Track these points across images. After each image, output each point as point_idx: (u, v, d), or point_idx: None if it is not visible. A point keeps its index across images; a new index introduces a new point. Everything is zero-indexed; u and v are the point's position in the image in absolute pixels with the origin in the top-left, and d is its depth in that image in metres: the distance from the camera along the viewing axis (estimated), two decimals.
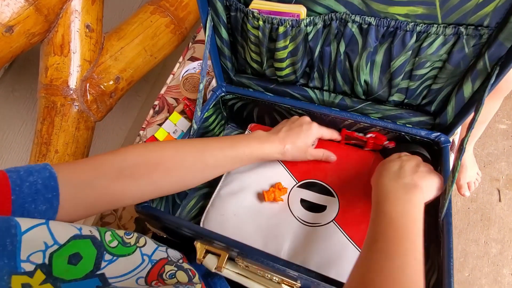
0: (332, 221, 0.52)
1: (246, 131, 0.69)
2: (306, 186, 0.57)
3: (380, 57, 0.52)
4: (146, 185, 0.45)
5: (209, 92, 0.69)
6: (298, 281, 0.41)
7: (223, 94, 0.66)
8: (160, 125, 0.81)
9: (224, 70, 0.65)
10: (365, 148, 0.61)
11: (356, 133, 0.59)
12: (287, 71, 0.59)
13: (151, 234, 0.63)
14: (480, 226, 1.30)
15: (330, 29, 0.51)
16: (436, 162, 0.54)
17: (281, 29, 0.52)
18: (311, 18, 0.50)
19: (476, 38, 0.45)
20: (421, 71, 0.51)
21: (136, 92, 1.45)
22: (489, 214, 1.31)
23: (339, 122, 0.59)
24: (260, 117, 0.69)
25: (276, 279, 0.42)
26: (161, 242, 0.48)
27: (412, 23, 0.46)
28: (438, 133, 0.54)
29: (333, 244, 0.49)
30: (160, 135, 0.77)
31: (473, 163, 1.25)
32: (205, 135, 0.67)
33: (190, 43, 0.98)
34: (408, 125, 0.57)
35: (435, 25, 0.45)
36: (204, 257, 0.45)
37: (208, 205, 0.58)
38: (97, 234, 0.37)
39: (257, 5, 0.52)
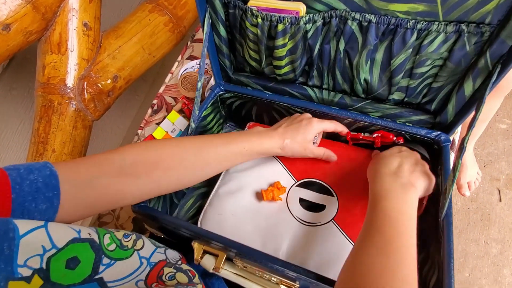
0: (331, 220, 0.51)
1: (245, 129, 0.68)
2: (305, 185, 0.57)
3: (380, 55, 0.51)
4: (146, 183, 0.44)
5: (208, 91, 0.68)
6: (297, 282, 0.40)
7: (221, 92, 0.65)
8: (159, 124, 0.81)
9: (223, 68, 0.65)
10: (375, 147, 0.59)
11: (362, 134, 0.58)
12: (286, 69, 0.58)
13: (149, 234, 0.62)
14: (480, 226, 1.29)
15: (329, 27, 0.51)
16: (436, 162, 0.53)
17: (280, 27, 0.51)
18: (311, 15, 0.49)
19: (477, 36, 0.44)
20: (422, 69, 0.50)
21: (135, 92, 1.45)
22: (489, 214, 1.31)
23: (338, 121, 0.59)
24: (259, 115, 0.69)
25: (275, 279, 0.41)
26: (159, 242, 0.48)
27: (412, 21, 0.45)
28: (439, 132, 0.54)
29: (332, 244, 0.49)
30: (158, 134, 0.77)
31: (473, 163, 1.25)
32: (203, 134, 0.67)
33: (189, 42, 0.97)
34: (408, 124, 0.56)
35: (436, 23, 0.45)
36: (201, 257, 0.45)
37: (206, 204, 0.57)
38: (95, 237, 0.37)
39: (255, 2, 0.51)
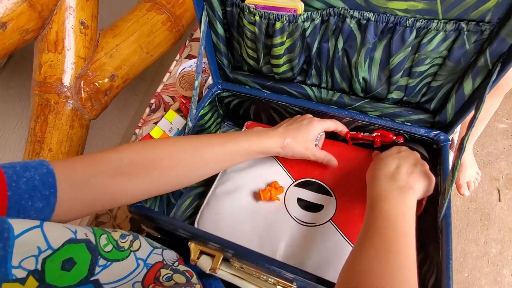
0: (329, 220, 0.51)
1: (243, 129, 0.67)
2: (303, 185, 0.56)
3: (379, 54, 0.51)
4: (143, 183, 0.44)
5: (205, 90, 0.68)
6: (294, 283, 0.40)
7: (219, 91, 0.65)
8: (157, 123, 0.80)
9: (220, 67, 0.64)
10: (375, 147, 0.58)
11: (362, 134, 0.58)
12: (284, 68, 0.58)
13: (145, 233, 0.62)
14: (480, 226, 1.29)
15: (328, 25, 0.50)
16: (435, 161, 0.53)
17: (278, 25, 0.51)
18: (309, 13, 0.49)
19: (477, 34, 0.44)
20: (421, 68, 0.50)
21: (133, 91, 1.44)
22: (488, 214, 1.30)
23: (337, 120, 0.58)
24: (257, 115, 0.68)
25: (272, 280, 0.41)
26: (156, 241, 0.47)
27: (412, 19, 0.45)
28: (438, 132, 0.53)
29: (330, 244, 0.48)
30: (156, 134, 0.76)
31: (472, 162, 1.24)
32: (201, 134, 0.66)
33: (187, 41, 0.97)
34: (407, 123, 0.56)
35: (436, 21, 0.44)
36: (198, 258, 0.44)
37: (203, 204, 0.57)
38: (92, 238, 0.36)
39: (253, 0, 0.50)
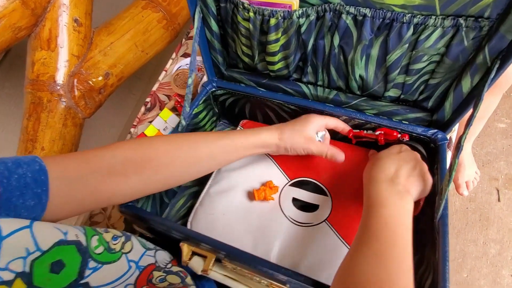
0: (324, 221, 0.50)
1: (238, 127, 0.66)
2: (298, 185, 0.55)
3: (375, 51, 0.50)
4: (137, 182, 0.43)
5: (201, 88, 0.67)
6: (287, 285, 0.39)
7: (213, 89, 0.64)
8: (151, 122, 0.79)
9: (215, 64, 0.63)
10: (379, 145, 0.56)
11: (364, 132, 0.56)
12: (279, 65, 0.57)
13: (139, 233, 0.61)
14: (479, 226, 1.28)
15: (323, 21, 0.49)
16: (432, 160, 0.52)
17: (273, 21, 0.50)
18: (304, 9, 0.48)
19: (476, 30, 0.43)
20: (418, 65, 0.49)
21: (130, 90, 1.43)
22: (488, 214, 1.29)
23: None
24: (252, 113, 0.67)
25: (265, 282, 0.40)
26: (150, 241, 0.46)
27: (409, 15, 0.44)
28: (435, 130, 0.52)
29: (325, 245, 0.47)
30: (150, 132, 0.75)
31: (471, 162, 1.23)
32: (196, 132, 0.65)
33: (183, 39, 0.96)
34: (404, 122, 0.55)
35: (433, 17, 0.43)
36: (190, 259, 0.43)
37: (196, 204, 0.56)
38: (83, 239, 0.35)
39: None
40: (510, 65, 0.46)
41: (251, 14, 0.50)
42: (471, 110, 0.45)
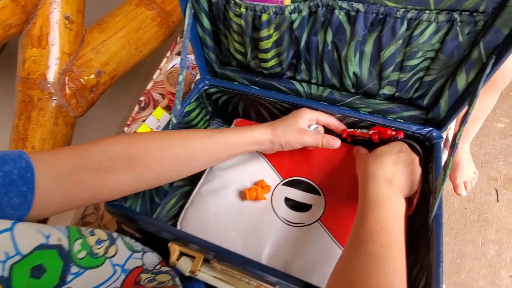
0: (317, 221, 0.49)
1: (232, 126, 0.65)
2: (291, 184, 0.54)
3: (369, 47, 0.49)
4: (127, 178, 0.42)
5: (193, 86, 0.66)
6: (277, 286, 0.38)
7: (206, 87, 0.63)
8: (145, 121, 0.78)
9: (208, 62, 0.62)
10: (375, 143, 0.55)
11: (358, 131, 0.55)
12: (272, 63, 0.56)
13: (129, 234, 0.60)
14: (478, 227, 1.27)
15: (316, 17, 0.48)
16: (427, 159, 0.51)
17: (264, 17, 0.49)
18: (296, 4, 0.47)
19: (471, 25, 0.42)
20: (413, 62, 0.48)
21: (126, 89, 1.42)
22: (486, 214, 1.28)
23: None
24: (246, 111, 0.66)
25: (254, 283, 0.39)
26: (140, 241, 0.45)
27: (402, 10, 0.43)
28: (430, 128, 0.51)
29: (318, 245, 0.46)
30: (143, 131, 0.74)
31: (469, 162, 1.22)
32: None
33: (179, 38, 0.95)
34: (399, 120, 0.54)
35: (427, 12, 0.42)
36: (178, 259, 0.42)
37: (187, 203, 0.55)
38: (65, 243, 0.34)
39: None
40: (507, 62, 0.45)
41: (243, 9, 0.49)
42: (466, 108, 0.44)
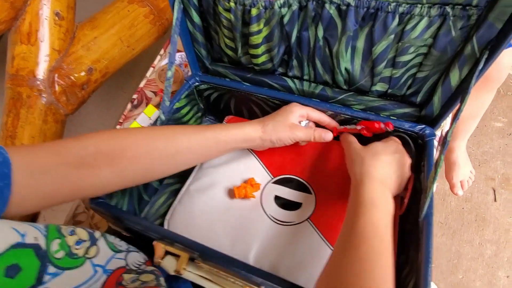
0: (307, 219, 0.48)
1: (223, 123, 0.64)
2: (281, 182, 0.53)
3: (361, 43, 0.48)
4: (110, 174, 0.40)
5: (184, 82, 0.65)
6: (262, 287, 0.37)
7: (196, 83, 0.62)
8: (136, 119, 0.77)
9: (199, 58, 0.61)
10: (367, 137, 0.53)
11: (348, 127, 0.54)
12: (263, 59, 0.55)
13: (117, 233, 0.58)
14: (475, 227, 1.26)
15: (306, 12, 0.47)
16: (420, 157, 0.50)
17: (254, 11, 0.48)
18: None
19: (464, 19, 0.41)
20: (405, 58, 0.47)
21: (122, 88, 1.41)
22: (484, 214, 1.27)
23: None
24: (238, 108, 0.65)
25: (240, 283, 0.38)
26: (127, 240, 0.44)
27: (394, 3, 0.42)
28: (423, 126, 0.50)
29: (307, 244, 0.45)
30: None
31: (466, 161, 1.21)
32: None
33: None
34: (392, 117, 0.53)
35: (419, 6, 0.41)
36: (162, 258, 0.41)
37: (175, 201, 0.54)
38: (42, 242, 0.33)
39: None
40: (502, 59, 0.44)
41: (232, 4, 0.48)
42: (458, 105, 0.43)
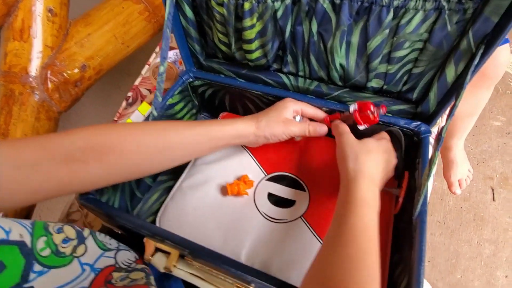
0: (300, 217, 0.47)
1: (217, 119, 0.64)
2: (275, 180, 0.52)
3: (355, 38, 0.47)
4: (98, 169, 0.39)
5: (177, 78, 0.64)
6: (252, 284, 0.36)
7: (190, 79, 0.61)
8: (130, 117, 0.77)
9: (193, 54, 0.60)
10: (361, 126, 0.49)
11: (341, 114, 0.52)
12: (257, 54, 0.54)
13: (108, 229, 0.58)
14: (473, 226, 1.25)
15: (300, 6, 0.47)
16: (415, 154, 0.49)
17: (247, 5, 0.47)
18: None
19: (459, 13, 0.40)
20: (400, 53, 0.46)
21: (119, 87, 1.40)
22: (482, 213, 1.27)
23: None
24: (233, 105, 0.64)
25: (230, 280, 0.37)
26: (118, 238, 0.43)
27: None
28: (418, 123, 0.50)
29: (299, 242, 0.44)
30: None
31: (464, 159, 1.20)
32: None
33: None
34: (388, 114, 0.52)
35: None
36: (153, 255, 0.40)
37: (167, 198, 0.53)
38: (28, 239, 0.32)
39: None
40: (499, 55, 0.43)
41: None
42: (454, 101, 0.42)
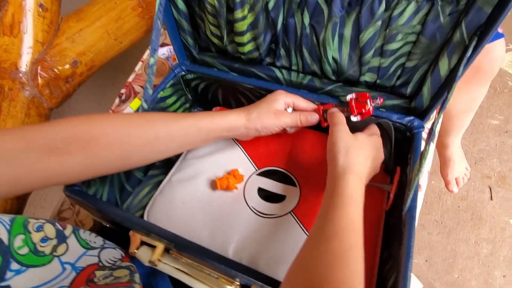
0: (290, 212, 0.46)
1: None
2: (266, 174, 0.52)
3: (348, 30, 0.47)
4: (83, 161, 0.38)
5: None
6: (237, 279, 0.35)
7: (183, 73, 0.60)
8: None
9: (186, 47, 0.59)
10: (354, 118, 0.48)
11: (334, 104, 0.51)
12: (249, 47, 0.53)
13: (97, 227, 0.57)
14: (471, 225, 1.24)
15: None
16: (407, 150, 0.48)
17: None
18: None
19: (452, 4, 0.40)
20: (393, 46, 0.46)
21: (113, 84, 1.39)
22: (480, 212, 1.26)
23: None
24: (226, 99, 0.64)
25: (214, 275, 0.36)
26: (106, 235, 0.43)
27: None
28: (411, 117, 0.49)
29: (288, 237, 0.44)
30: None
31: (461, 157, 1.19)
32: None
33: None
34: (382, 109, 0.52)
35: None
36: (138, 248, 0.39)
37: (156, 192, 0.52)
38: (5, 237, 0.32)
39: None
40: (494, 50, 0.42)
41: None
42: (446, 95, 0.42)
